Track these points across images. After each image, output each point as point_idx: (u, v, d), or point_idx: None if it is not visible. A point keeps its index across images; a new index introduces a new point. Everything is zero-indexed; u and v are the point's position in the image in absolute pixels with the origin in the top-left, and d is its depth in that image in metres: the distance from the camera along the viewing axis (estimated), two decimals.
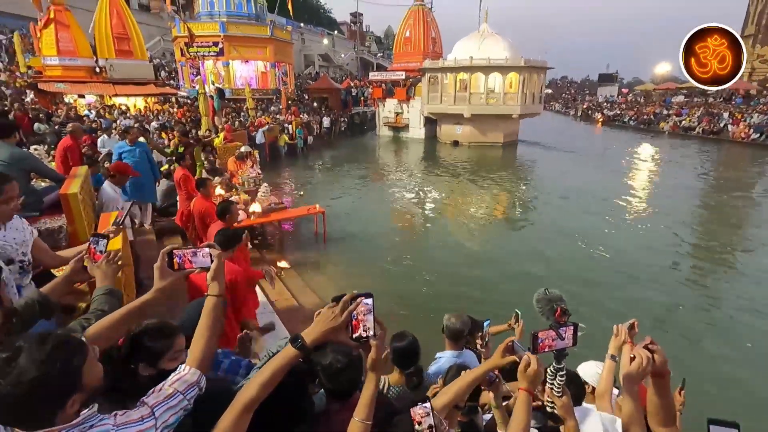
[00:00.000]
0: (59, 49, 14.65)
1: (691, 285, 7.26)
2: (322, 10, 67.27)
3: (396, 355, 2.33)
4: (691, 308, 6.44)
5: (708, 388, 4.40)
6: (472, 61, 21.82)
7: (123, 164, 4.38)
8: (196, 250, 1.53)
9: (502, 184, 14.84)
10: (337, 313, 1.22)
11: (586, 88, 79.85)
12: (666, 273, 7.58)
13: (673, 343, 5.34)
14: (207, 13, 24.12)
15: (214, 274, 1.50)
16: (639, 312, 6.08)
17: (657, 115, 34.61)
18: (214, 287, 1.50)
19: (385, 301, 6.34)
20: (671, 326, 5.89)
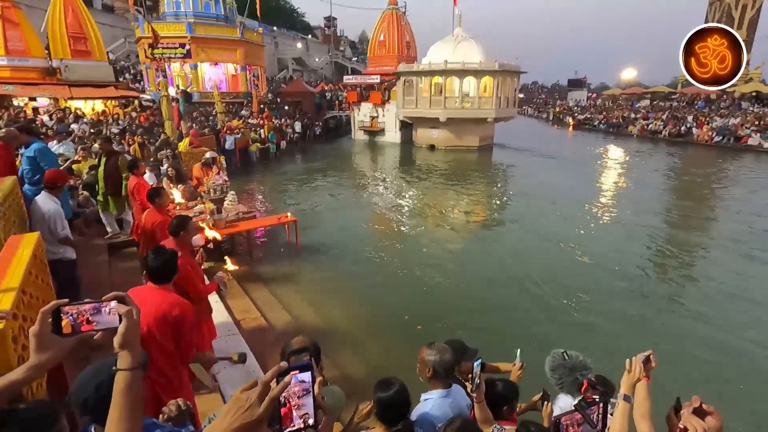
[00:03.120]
0: (7, 48, 13.59)
1: (668, 289, 7.17)
2: (295, 14, 66.36)
3: (381, 407, 1.93)
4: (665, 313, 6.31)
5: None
6: (446, 65, 21.75)
7: (58, 171, 3.81)
8: (98, 305, 1.08)
9: (479, 188, 14.70)
10: (253, 402, 0.81)
11: (557, 93, 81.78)
12: (638, 277, 7.47)
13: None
14: (173, 13, 23.17)
15: (123, 340, 1.06)
16: (619, 319, 5.90)
17: (625, 118, 35.55)
18: (124, 358, 1.07)
19: (363, 318, 5.95)
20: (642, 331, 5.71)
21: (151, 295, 2.34)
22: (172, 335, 2.32)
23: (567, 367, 1.35)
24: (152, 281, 2.38)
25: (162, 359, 2.31)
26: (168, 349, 2.33)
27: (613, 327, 5.72)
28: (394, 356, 4.94)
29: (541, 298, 6.49)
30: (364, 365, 4.84)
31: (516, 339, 5.02)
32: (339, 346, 5.19)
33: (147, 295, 2.34)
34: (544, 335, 5.43)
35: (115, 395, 1.02)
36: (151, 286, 2.39)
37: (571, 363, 1.35)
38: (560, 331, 5.63)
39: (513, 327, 5.64)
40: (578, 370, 1.34)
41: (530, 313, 6.06)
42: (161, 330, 2.27)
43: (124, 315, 1.07)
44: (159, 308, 2.27)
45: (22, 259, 1.92)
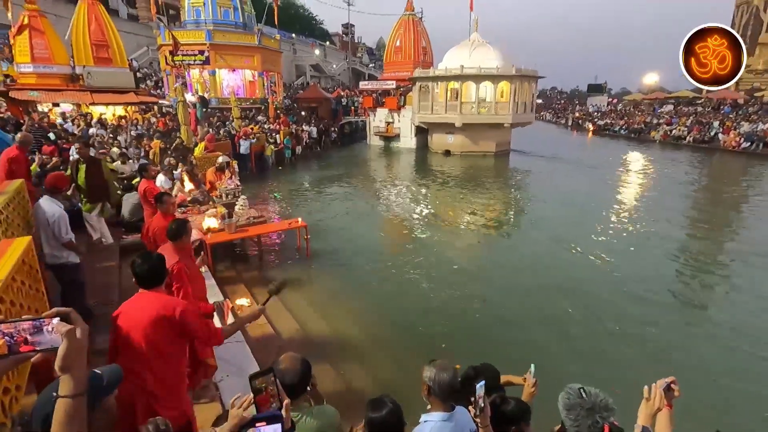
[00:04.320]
0: (33, 56, 14.03)
1: (686, 305, 6.80)
2: (314, 21, 67.22)
3: (372, 428, 1.79)
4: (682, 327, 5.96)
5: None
6: (462, 70, 21.56)
7: (59, 175, 3.79)
8: (39, 323, 0.97)
9: (496, 195, 14.41)
10: None
11: (576, 99, 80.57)
12: (661, 289, 7.11)
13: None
14: (193, 21, 23.66)
15: (63, 363, 0.95)
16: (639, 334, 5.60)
17: (647, 124, 34.67)
18: (66, 384, 0.95)
19: (373, 329, 5.77)
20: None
21: (144, 300, 2.28)
22: (177, 335, 2.26)
23: (585, 407, 1.17)
24: (142, 287, 2.32)
25: (160, 365, 2.24)
26: (167, 353, 2.26)
27: (634, 348, 5.40)
28: (404, 371, 4.74)
29: (561, 313, 6.20)
30: (371, 379, 4.66)
31: (534, 355, 4.80)
32: (346, 357, 5.04)
33: (139, 301, 2.28)
34: (568, 353, 5.19)
35: (54, 426, 0.90)
36: (142, 293, 2.32)
37: (589, 402, 1.18)
38: (581, 347, 5.37)
39: (530, 343, 5.38)
40: (598, 411, 1.16)
41: (548, 330, 5.77)
42: (159, 333, 2.20)
43: (65, 335, 0.95)
44: (153, 311, 2.20)
45: (4, 266, 1.84)
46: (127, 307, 2.25)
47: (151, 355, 2.18)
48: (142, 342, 2.16)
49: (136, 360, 2.17)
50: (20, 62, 14.28)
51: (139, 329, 2.16)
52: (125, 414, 2.18)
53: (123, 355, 2.19)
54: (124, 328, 2.19)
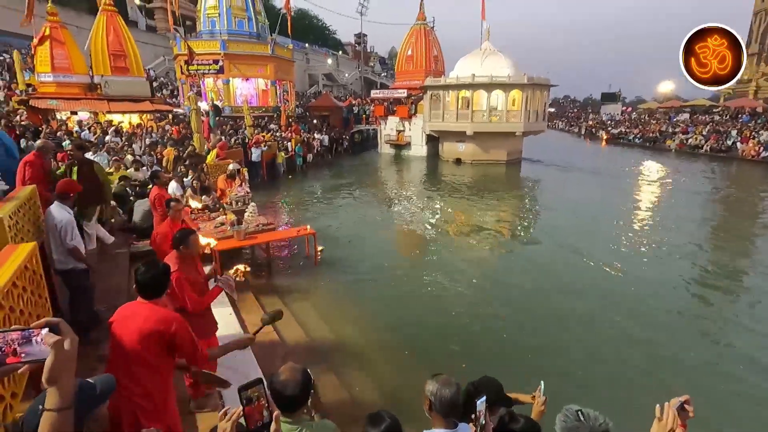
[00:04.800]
0: (54, 65, 14.43)
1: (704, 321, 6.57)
2: (327, 31, 68.18)
3: None
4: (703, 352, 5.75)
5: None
6: (474, 79, 21.54)
7: (68, 181, 3.83)
8: (28, 334, 0.95)
9: (507, 204, 14.27)
10: None
11: (589, 107, 79.87)
12: (678, 303, 6.90)
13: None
14: (208, 31, 24.14)
15: (49, 375, 0.92)
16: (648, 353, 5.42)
17: (663, 132, 34.14)
18: (52, 396, 0.92)
19: (380, 339, 5.68)
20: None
21: (139, 310, 2.24)
22: (165, 350, 2.21)
23: (583, 431, 1.10)
24: (141, 296, 2.28)
25: (148, 378, 2.20)
26: (155, 365, 2.21)
27: (648, 365, 5.22)
28: (411, 383, 4.65)
29: (575, 328, 6.05)
30: (377, 389, 4.57)
31: (542, 373, 4.69)
32: (351, 366, 4.97)
33: (135, 311, 2.23)
34: (581, 369, 5.05)
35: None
36: (140, 302, 2.28)
37: (587, 426, 1.10)
38: (594, 363, 5.22)
39: (541, 358, 5.24)
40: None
41: (562, 346, 5.62)
42: (148, 347, 2.15)
43: (52, 346, 0.93)
44: (146, 324, 2.15)
45: (5, 272, 1.84)
46: (122, 316, 2.22)
47: (139, 367, 2.14)
48: (131, 353, 2.12)
49: (124, 370, 2.13)
50: (41, 71, 14.70)
51: (129, 340, 2.12)
52: (111, 425, 2.15)
53: (112, 363, 2.16)
54: (116, 337, 2.16)
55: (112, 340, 2.16)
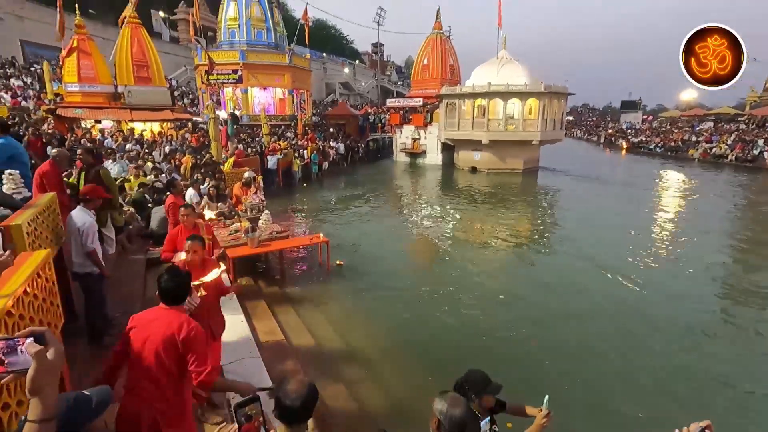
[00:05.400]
0: (80, 76, 14.95)
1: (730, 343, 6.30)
2: (344, 41, 69.12)
3: None
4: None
5: None
6: (490, 87, 21.46)
7: (92, 186, 3.90)
8: (13, 343, 0.93)
9: (524, 214, 14.07)
10: None
11: (608, 115, 78.68)
12: (702, 323, 6.63)
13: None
14: (228, 42, 24.72)
15: (32, 385, 0.91)
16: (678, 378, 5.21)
17: (685, 141, 33.34)
18: (34, 407, 0.92)
19: (392, 351, 5.60)
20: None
21: (162, 316, 2.27)
22: (180, 358, 2.22)
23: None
24: (164, 302, 2.32)
25: (170, 385, 2.21)
26: (176, 372, 2.22)
27: (672, 387, 5.03)
28: (421, 396, 4.56)
29: (593, 342, 5.87)
30: (388, 402, 4.50)
31: (561, 391, 4.56)
32: (361, 377, 4.90)
33: (157, 317, 2.27)
34: (600, 386, 4.89)
35: None
36: (162, 308, 2.31)
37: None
38: (611, 381, 5.05)
39: (551, 375, 5.11)
40: None
41: (578, 363, 5.45)
42: (170, 354, 2.18)
43: (34, 356, 0.91)
44: (168, 329, 2.18)
45: (17, 279, 1.87)
46: (143, 321, 2.24)
47: (161, 373, 2.16)
48: (153, 358, 2.14)
49: (146, 375, 2.15)
50: (68, 82, 15.24)
51: (152, 345, 2.15)
52: (129, 428, 2.16)
53: (133, 368, 2.18)
54: (138, 342, 2.17)
55: (133, 345, 2.18)
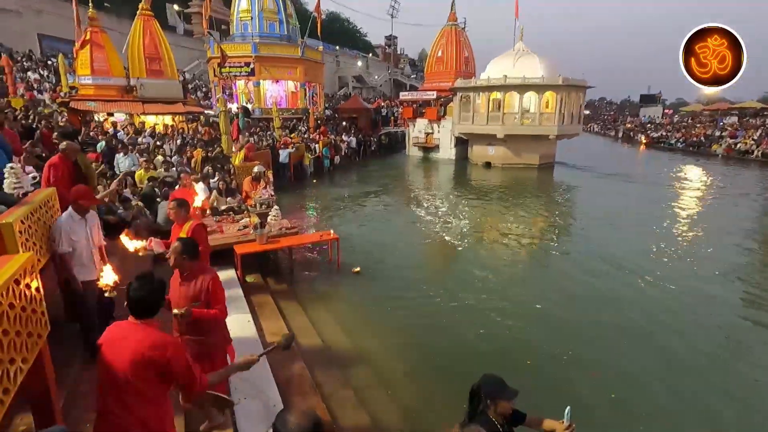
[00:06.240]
0: (93, 68, 14.95)
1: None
2: (358, 34, 68.64)
3: None
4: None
5: None
6: (506, 80, 20.94)
7: (84, 188, 3.71)
8: None
9: (540, 211, 13.66)
10: None
11: (627, 110, 76.81)
12: (730, 329, 6.26)
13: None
14: (240, 34, 24.57)
15: None
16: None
17: (708, 137, 32.26)
18: None
19: (403, 354, 5.36)
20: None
21: (131, 332, 1.99)
22: (156, 379, 1.98)
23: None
24: (133, 315, 2.04)
25: (142, 406, 1.98)
26: (149, 394, 1.99)
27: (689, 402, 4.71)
28: (436, 405, 4.33)
29: (614, 350, 5.55)
30: (400, 411, 4.26)
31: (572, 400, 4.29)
32: (371, 383, 4.68)
33: (126, 333, 2.00)
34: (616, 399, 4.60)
35: None
36: (131, 322, 2.03)
37: None
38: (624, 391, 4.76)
39: (571, 384, 4.82)
40: None
41: (600, 370, 5.18)
42: (140, 374, 1.93)
43: None
44: (137, 350, 1.91)
45: None
46: (111, 338, 2.00)
47: (132, 395, 1.93)
48: (122, 380, 1.91)
49: (115, 398, 1.93)
50: (81, 74, 15.26)
51: (120, 366, 1.90)
52: None
53: (103, 392, 1.96)
54: (106, 362, 1.94)
55: (100, 365, 1.95)
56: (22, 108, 12.14)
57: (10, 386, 1.83)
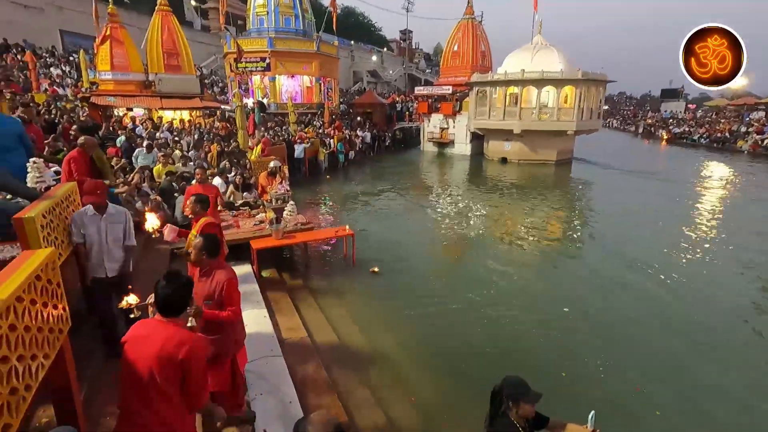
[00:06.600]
0: (113, 64, 15.18)
1: None
2: (372, 28, 68.30)
3: None
4: None
5: None
6: (523, 74, 20.56)
7: (92, 184, 3.64)
8: None
9: (558, 209, 13.39)
10: None
11: (647, 104, 74.92)
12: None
13: None
14: (256, 29, 24.65)
15: None
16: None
17: (733, 132, 31.24)
18: None
19: (420, 352, 5.30)
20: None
21: (158, 331, 1.99)
22: (179, 380, 1.96)
23: None
24: (161, 313, 2.05)
25: (167, 406, 1.96)
26: (174, 397, 1.97)
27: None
28: (455, 407, 4.25)
29: (636, 355, 5.40)
30: (416, 411, 4.19)
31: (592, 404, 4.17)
32: (387, 381, 4.63)
33: (152, 331, 1.99)
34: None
35: None
36: (158, 320, 2.04)
37: None
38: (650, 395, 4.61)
39: (594, 387, 4.70)
40: None
41: (620, 376, 5.04)
42: (166, 374, 1.91)
43: None
44: (164, 348, 1.91)
45: (8, 286, 1.67)
46: (137, 336, 2.00)
47: (156, 394, 1.91)
48: (148, 379, 1.90)
49: (139, 397, 1.92)
50: (101, 70, 15.52)
51: (146, 364, 1.90)
52: None
53: (126, 390, 1.95)
54: (131, 361, 1.93)
55: (125, 363, 1.94)
56: (44, 103, 12.38)
57: (32, 382, 1.82)
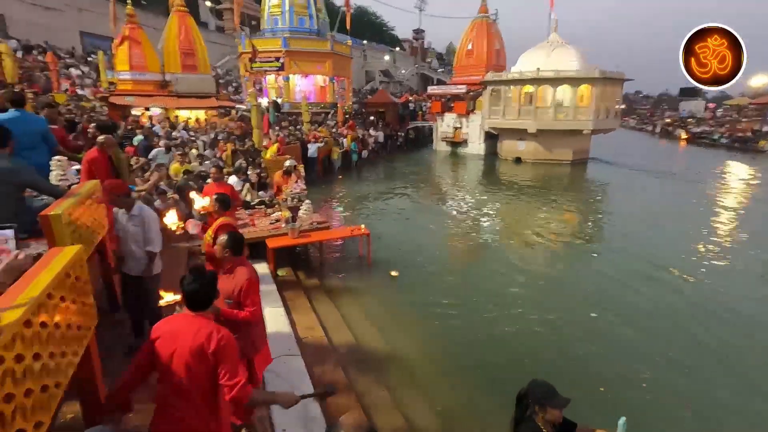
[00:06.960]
0: (131, 64, 15.42)
1: None
2: (385, 28, 68.31)
3: None
4: None
5: None
6: (539, 73, 20.31)
7: (119, 182, 3.68)
8: None
9: (574, 209, 13.19)
10: None
11: (665, 103, 73.44)
12: None
13: None
14: (270, 29, 24.79)
15: None
16: None
17: (756, 132, 30.44)
18: None
19: (436, 352, 5.26)
20: None
21: (188, 324, 2.00)
22: (212, 371, 1.97)
23: None
24: (188, 308, 2.06)
25: (204, 402, 1.98)
26: (209, 390, 1.99)
27: None
28: (475, 411, 4.20)
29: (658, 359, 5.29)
30: (434, 413, 4.14)
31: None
32: (404, 383, 4.58)
33: (183, 325, 2.01)
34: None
35: None
36: (187, 314, 2.06)
37: None
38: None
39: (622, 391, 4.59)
40: None
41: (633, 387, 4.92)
42: (200, 367, 1.93)
43: None
44: (196, 340, 1.93)
45: (39, 282, 1.68)
46: (169, 331, 2.01)
47: (193, 390, 1.93)
48: (184, 373, 1.91)
49: (175, 390, 1.93)
50: (120, 70, 15.78)
51: (180, 359, 1.91)
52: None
53: (163, 384, 1.97)
54: (165, 355, 1.94)
55: (157, 359, 1.96)
56: (65, 103, 12.62)
57: (62, 379, 1.83)
